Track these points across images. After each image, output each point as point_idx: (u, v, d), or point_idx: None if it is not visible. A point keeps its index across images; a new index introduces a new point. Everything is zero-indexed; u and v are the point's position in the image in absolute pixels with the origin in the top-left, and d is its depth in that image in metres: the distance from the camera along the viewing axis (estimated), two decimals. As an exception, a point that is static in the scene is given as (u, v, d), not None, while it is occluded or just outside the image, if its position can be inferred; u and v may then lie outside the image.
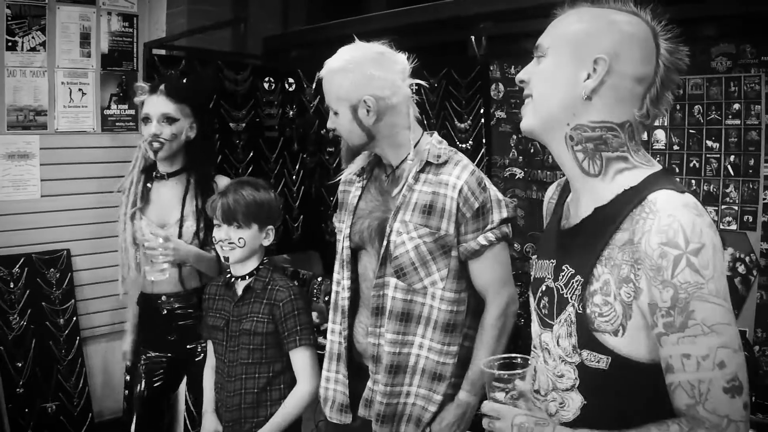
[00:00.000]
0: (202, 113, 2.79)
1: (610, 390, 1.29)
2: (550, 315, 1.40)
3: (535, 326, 1.48)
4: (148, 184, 2.73)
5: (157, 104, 2.63)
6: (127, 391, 2.92)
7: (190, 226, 2.67)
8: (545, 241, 1.54)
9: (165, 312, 2.71)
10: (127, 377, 2.86)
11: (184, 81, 3.28)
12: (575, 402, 1.34)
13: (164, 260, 2.52)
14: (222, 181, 2.76)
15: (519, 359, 1.44)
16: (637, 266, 1.23)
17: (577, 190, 1.41)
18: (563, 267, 1.38)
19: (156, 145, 2.62)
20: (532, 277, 1.54)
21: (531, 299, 1.51)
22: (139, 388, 2.75)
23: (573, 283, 1.34)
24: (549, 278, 1.43)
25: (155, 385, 2.76)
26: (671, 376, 1.20)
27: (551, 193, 1.63)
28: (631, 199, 1.29)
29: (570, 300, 1.33)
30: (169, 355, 2.76)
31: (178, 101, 2.65)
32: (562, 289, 1.37)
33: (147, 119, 2.64)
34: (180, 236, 2.65)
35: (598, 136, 1.33)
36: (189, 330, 2.70)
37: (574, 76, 1.32)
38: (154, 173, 2.74)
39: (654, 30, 1.33)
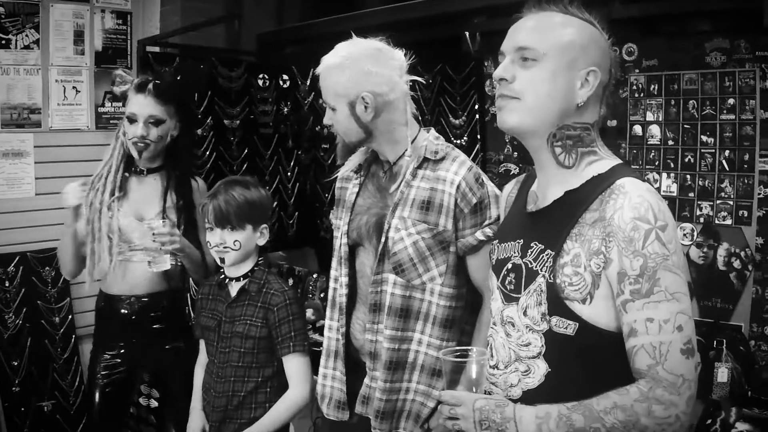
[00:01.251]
0: (185, 110, 2.73)
1: (574, 355, 1.41)
2: (517, 289, 1.51)
3: (497, 303, 1.58)
4: (126, 173, 2.66)
5: (144, 105, 2.56)
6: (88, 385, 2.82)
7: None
8: (508, 227, 1.67)
9: (125, 313, 2.65)
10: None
11: (171, 79, 3.24)
12: (540, 369, 1.45)
13: (171, 248, 2.47)
14: (200, 182, 2.75)
15: (475, 351, 1.59)
16: (609, 239, 1.36)
17: (547, 177, 1.55)
18: (531, 244, 1.50)
19: (141, 146, 2.57)
20: (494, 260, 1.63)
21: (494, 279, 1.61)
22: (98, 383, 2.68)
23: (543, 256, 1.46)
24: (516, 256, 1.54)
25: (114, 381, 2.68)
26: (633, 340, 1.33)
27: (510, 188, 1.79)
28: (599, 184, 1.44)
29: (540, 272, 1.45)
30: (127, 360, 2.67)
31: (165, 102, 2.59)
32: (531, 264, 1.49)
33: (132, 119, 2.57)
34: None
35: (577, 134, 1.49)
36: (151, 337, 2.64)
37: (571, 85, 1.45)
38: (133, 168, 2.67)
39: (605, 37, 1.49)
